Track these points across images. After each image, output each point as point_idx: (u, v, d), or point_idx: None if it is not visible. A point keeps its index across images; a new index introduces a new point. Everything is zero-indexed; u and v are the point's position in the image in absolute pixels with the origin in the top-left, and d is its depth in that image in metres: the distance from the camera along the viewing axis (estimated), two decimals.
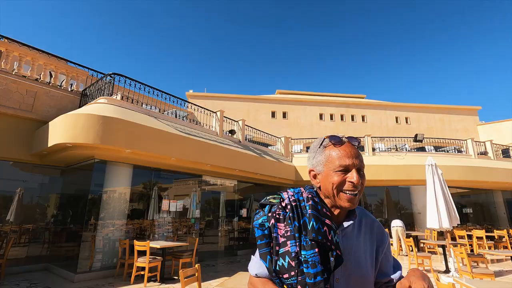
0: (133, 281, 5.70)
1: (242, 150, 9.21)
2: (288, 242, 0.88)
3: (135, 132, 6.22)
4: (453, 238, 10.32)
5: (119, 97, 7.03)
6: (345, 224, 0.94)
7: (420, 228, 11.93)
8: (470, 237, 10.17)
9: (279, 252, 0.89)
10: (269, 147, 12.55)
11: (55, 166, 7.82)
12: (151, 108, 8.01)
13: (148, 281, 5.77)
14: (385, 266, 1.02)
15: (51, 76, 7.98)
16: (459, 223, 7.17)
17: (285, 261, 0.87)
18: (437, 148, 14.90)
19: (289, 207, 0.93)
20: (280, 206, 0.95)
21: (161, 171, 8.28)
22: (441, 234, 10.49)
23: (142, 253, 5.89)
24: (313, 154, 0.99)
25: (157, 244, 5.97)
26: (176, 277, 6.23)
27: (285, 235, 0.89)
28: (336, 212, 0.94)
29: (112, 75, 7.33)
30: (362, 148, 12.87)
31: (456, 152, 13.90)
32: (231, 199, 10.99)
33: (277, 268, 0.88)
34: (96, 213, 6.68)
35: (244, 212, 11.08)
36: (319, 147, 0.98)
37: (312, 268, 0.83)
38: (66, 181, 8.24)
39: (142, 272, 5.77)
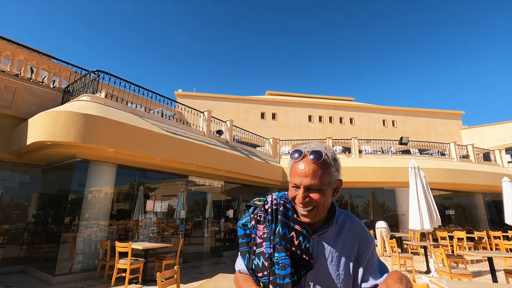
0: (114, 283, 5.56)
1: (229, 151, 9.16)
2: (264, 243, 0.92)
3: (118, 131, 6.09)
4: (436, 239, 10.56)
5: (103, 95, 6.88)
6: (321, 230, 0.95)
7: (404, 229, 12.16)
8: (452, 238, 10.43)
9: (256, 252, 0.93)
10: (257, 148, 12.54)
11: (35, 164, 7.58)
12: (136, 107, 7.87)
13: (130, 283, 5.66)
14: (369, 272, 0.98)
15: (32, 72, 7.75)
16: (440, 224, 7.33)
17: (259, 261, 0.91)
18: (421, 151, 15.25)
19: (269, 210, 0.97)
20: (263, 209, 0.98)
21: (146, 171, 8.14)
22: (424, 236, 10.71)
23: (124, 255, 5.77)
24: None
25: (140, 245, 5.85)
26: None
27: (262, 236, 0.93)
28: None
29: (97, 72, 7.16)
30: (349, 150, 13.04)
31: (440, 155, 14.25)
32: (218, 200, 10.92)
33: (253, 266, 0.93)
34: (77, 213, 6.50)
35: (230, 213, 11.02)
36: (290, 160, 0.98)
37: (282, 270, 0.86)
38: (47, 180, 7.99)
39: (124, 274, 5.65)
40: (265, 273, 0.89)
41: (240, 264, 1.01)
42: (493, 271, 5.40)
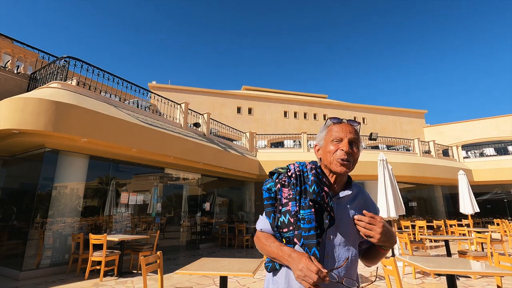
0: (88, 276, 5.42)
1: (207, 143, 9.16)
2: (290, 203, 1.05)
3: (92, 120, 5.87)
4: (400, 228, 11.35)
5: (74, 83, 6.57)
6: (341, 194, 1.10)
7: None
8: (414, 227, 11.27)
9: (281, 211, 1.06)
10: (234, 141, 12.61)
11: None
12: (110, 97, 7.61)
13: (105, 275, 5.54)
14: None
15: None
16: (405, 213, 7.91)
17: (285, 218, 1.04)
18: (389, 147, 16.20)
19: (294, 175, 1.11)
20: (286, 175, 1.12)
21: (121, 162, 7.91)
22: (390, 224, 11.45)
23: (98, 248, 5.62)
24: (318, 134, 1.19)
25: (115, 237, 5.74)
26: (135, 271, 6.05)
27: (288, 197, 1.07)
28: (333, 180, 1.11)
29: (67, 59, 6.81)
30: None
31: (405, 150, 15.23)
32: (194, 193, 10.87)
33: (279, 223, 1.06)
34: (45, 207, 6.18)
35: (207, 206, 11.03)
36: (323, 127, 1.18)
37: (307, 224, 0.99)
38: (10, 173, 7.50)
39: (98, 267, 5.52)
40: (291, 228, 1.02)
41: (263, 223, 1.14)
42: (448, 253, 5.98)
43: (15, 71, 7.37)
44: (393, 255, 7.52)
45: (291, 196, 1.06)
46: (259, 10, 72.63)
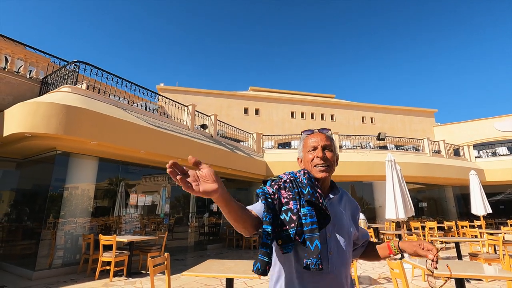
0: (98, 276, 5.53)
1: (214, 145, 9.22)
2: (291, 202, 1.11)
3: (102, 124, 5.99)
4: (409, 229, 11.18)
5: (84, 86, 6.71)
6: (331, 195, 1.21)
7: (381, 221, 12.76)
8: (424, 228, 11.09)
9: (283, 209, 1.10)
10: (241, 142, 12.64)
11: (10, 158, 7.29)
12: (119, 100, 7.74)
13: (115, 275, 5.64)
14: (361, 231, 1.35)
15: (6, 61, 7.41)
16: (414, 214, 7.81)
17: (287, 216, 1.08)
18: (397, 147, 15.97)
19: (288, 181, 1.18)
20: (281, 181, 1.20)
21: (130, 164, 8.03)
22: (399, 226, 11.31)
23: (107, 248, 5.73)
24: (298, 147, 1.32)
25: (124, 238, 5.83)
26: (144, 272, 6.14)
27: (288, 197, 1.13)
28: (320, 185, 1.19)
29: (77, 63, 6.97)
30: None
31: (414, 150, 15.00)
32: None
33: (279, 222, 1.09)
34: (57, 209, 6.33)
35: (214, 207, 11.08)
36: (300, 140, 1.31)
37: (309, 218, 1.06)
38: (23, 175, 7.70)
39: (108, 267, 5.62)
40: (292, 225, 1.06)
41: (252, 206, 1.14)
42: (459, 255, 5.87)
43: (28, 76, 7.57)
44: (402, 257, 7.43)
45: (290, 197, 1.12)
46: (265, 10, 72.64)
